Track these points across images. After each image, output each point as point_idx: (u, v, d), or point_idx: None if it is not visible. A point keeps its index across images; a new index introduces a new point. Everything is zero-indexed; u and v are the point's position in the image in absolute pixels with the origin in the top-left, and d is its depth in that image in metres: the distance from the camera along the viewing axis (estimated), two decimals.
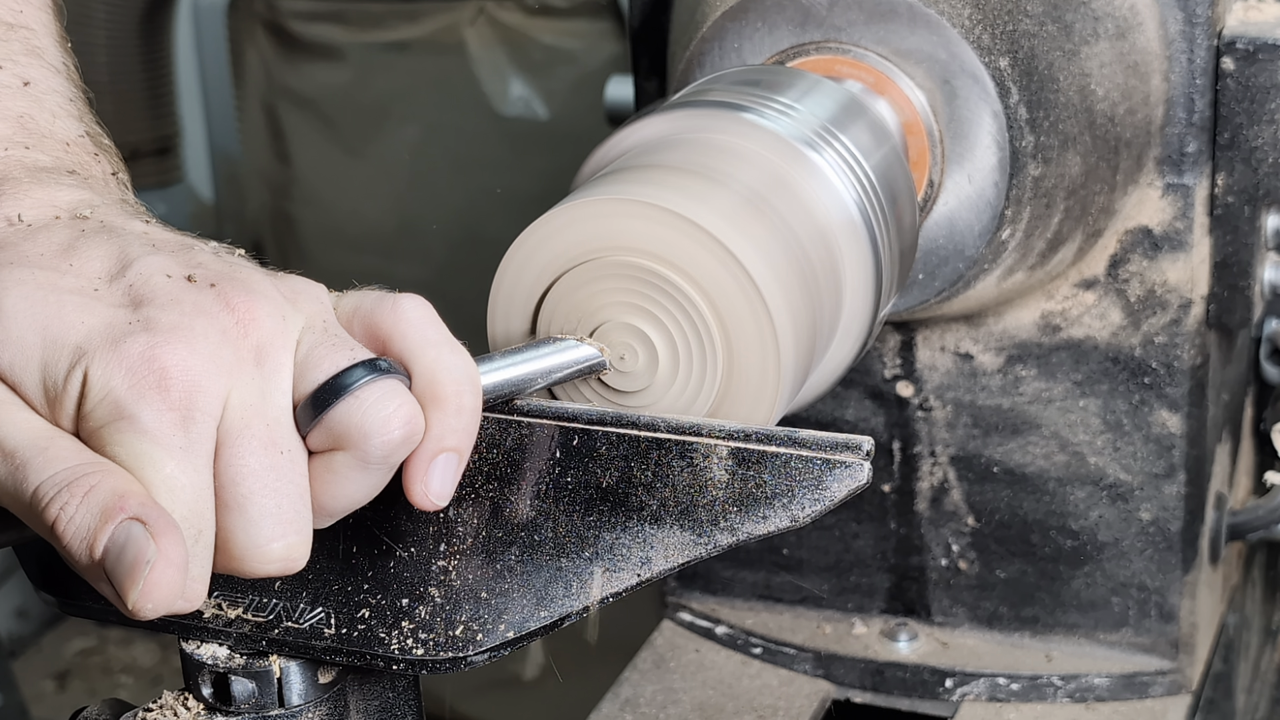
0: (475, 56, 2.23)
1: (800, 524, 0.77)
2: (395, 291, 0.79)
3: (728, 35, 1.09)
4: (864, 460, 0.77)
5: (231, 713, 0.82)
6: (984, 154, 1.07)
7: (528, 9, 2.20)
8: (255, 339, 0.75)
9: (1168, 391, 1.18)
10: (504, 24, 2.23)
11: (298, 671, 0.81)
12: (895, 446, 1.25)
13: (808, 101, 0.98)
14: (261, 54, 2.38)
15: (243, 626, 0.81)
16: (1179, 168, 1.15)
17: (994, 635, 1.27)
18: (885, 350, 1.23)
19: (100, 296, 0.75)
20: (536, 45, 2.21)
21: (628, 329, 0.85)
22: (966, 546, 1.26)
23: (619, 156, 0.94)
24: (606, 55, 2.16)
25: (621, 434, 0.79)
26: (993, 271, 1.10)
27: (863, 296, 0.95)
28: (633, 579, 0.79)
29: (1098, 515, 1.22)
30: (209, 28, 2.69)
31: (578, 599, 0.79)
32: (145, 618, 0.70)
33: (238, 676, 0.81)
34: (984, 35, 1.05)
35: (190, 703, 0.82)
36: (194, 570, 0.72)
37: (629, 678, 1.26)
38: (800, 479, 0.77)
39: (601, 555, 0.79)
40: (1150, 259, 1.16)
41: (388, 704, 0.85)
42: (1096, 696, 1.24)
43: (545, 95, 2.21)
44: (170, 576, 0.69)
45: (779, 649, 1.29)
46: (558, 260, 0.85)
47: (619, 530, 0.79)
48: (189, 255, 0.78)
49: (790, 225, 0.89)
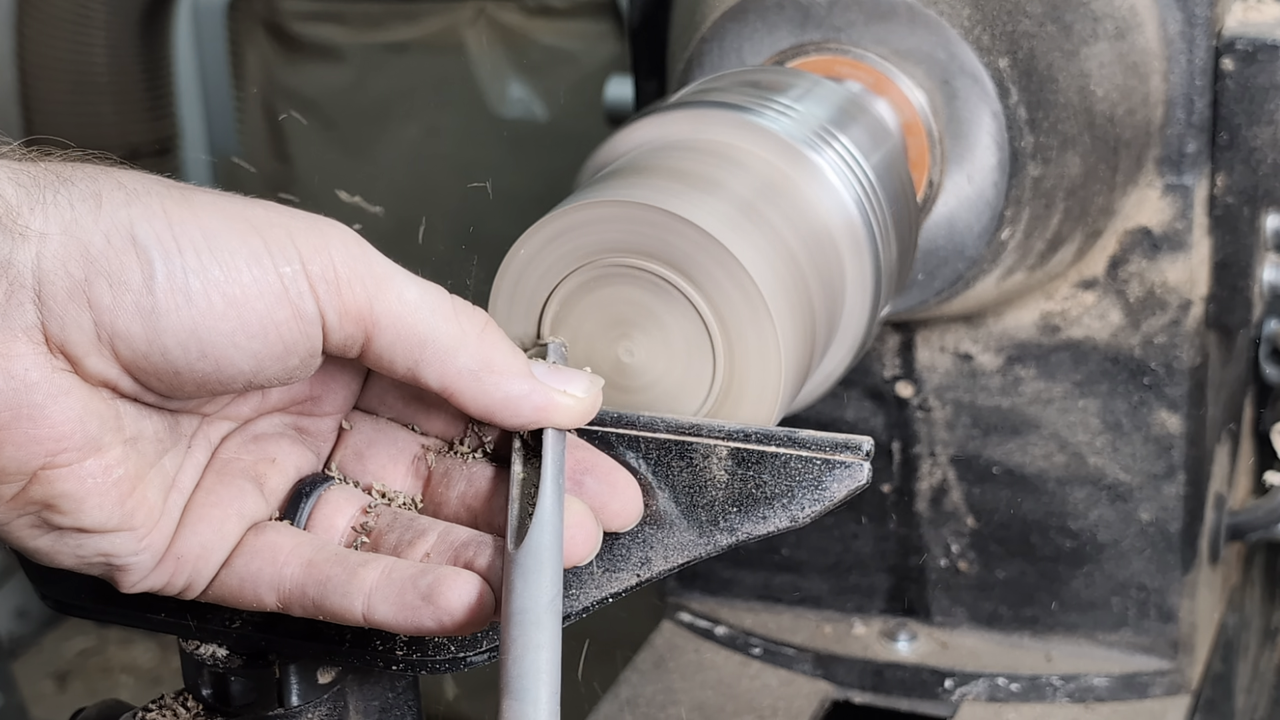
0: (475, 57, 2.23)
1: (800, 524, 0.77)
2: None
3: (728, 35, 1.09)
4: (864, 460, 0.77)
5: (231, 713, 0.82)
6: (984, 154, 1.07)
7: (527, 9, 2.20)
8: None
9: (1167, 392, 1.18)
10: (504, 24, 2.23)
11: (297, 672, 0.81)
12: (895, 447, 1.25)
13: (807, 102, 0.98)
14: (261, 54, 2.38)
15: (243, 627, 0.81)
16: (1179, 168, 1.15)
17: (994, 635, 1.27)
18: (885, 350, 1.23)
19: None
20: (536, 46, 2.21)
21: (629, 329, 0.85)
22: (966, 547, 1.26)
23: (619, 157, 0.94)
24: (606, 56, 2.16)
25: (620, 434, 0.79)
26: (992, 272, 1.10)
27: (862, 297, 0.95)
28: (632, 579, 0.79)
29: (1097, 515, 1.22)
30: (209, 28, 2.69)
31: (577, 599, 0.79)
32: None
33: (237, 676, 0.81)
34: (983, 35, 1.05)
35: (190, 703, 0.82)
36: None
37: (629, 678, 1.26)
38: (800, 479, 0.77)
39: (600, 555, 0.79)
40: (1150, 259, 1.16)
41: (387, 704, 0.85)
42: (1096, 697, 1.24)
43: (545, 96, 2.22)
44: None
45: (779, 649, 1.29)
46: (560, 262, 0.85)
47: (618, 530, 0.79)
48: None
49: (790, 226, 0.89)
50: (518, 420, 0.77)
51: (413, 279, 0.75)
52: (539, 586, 0.73)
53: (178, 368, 0.72)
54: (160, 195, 0.72)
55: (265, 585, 0.76)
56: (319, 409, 0.82)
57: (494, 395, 0.76)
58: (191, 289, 0.71)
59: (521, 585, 0.73)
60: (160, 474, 0.75)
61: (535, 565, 0.73)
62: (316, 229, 0.74)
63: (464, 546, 0.77)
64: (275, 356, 0.73)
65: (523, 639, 0.71)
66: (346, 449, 0.82)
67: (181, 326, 0.71)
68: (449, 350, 0.75)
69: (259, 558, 0.77)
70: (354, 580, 0.75)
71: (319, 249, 0.73)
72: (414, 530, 0.78)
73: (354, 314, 0.73)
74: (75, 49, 2.36)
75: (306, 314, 0.73)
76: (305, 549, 0.77)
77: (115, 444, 0.73)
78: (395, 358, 0.75)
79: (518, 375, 0.76)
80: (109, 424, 0.72)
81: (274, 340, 0.72)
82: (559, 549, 0.74)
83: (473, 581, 0.74)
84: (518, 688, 0.71)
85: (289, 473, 0.80)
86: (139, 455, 0.74)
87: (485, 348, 0.76)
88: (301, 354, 0.74)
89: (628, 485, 0.79)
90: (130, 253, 0.70)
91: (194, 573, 0.77)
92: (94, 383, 0.72)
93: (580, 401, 0.78)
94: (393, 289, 0.74)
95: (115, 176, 0.72)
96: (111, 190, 0.71)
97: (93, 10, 2.37)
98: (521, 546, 0.73)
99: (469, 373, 0.75)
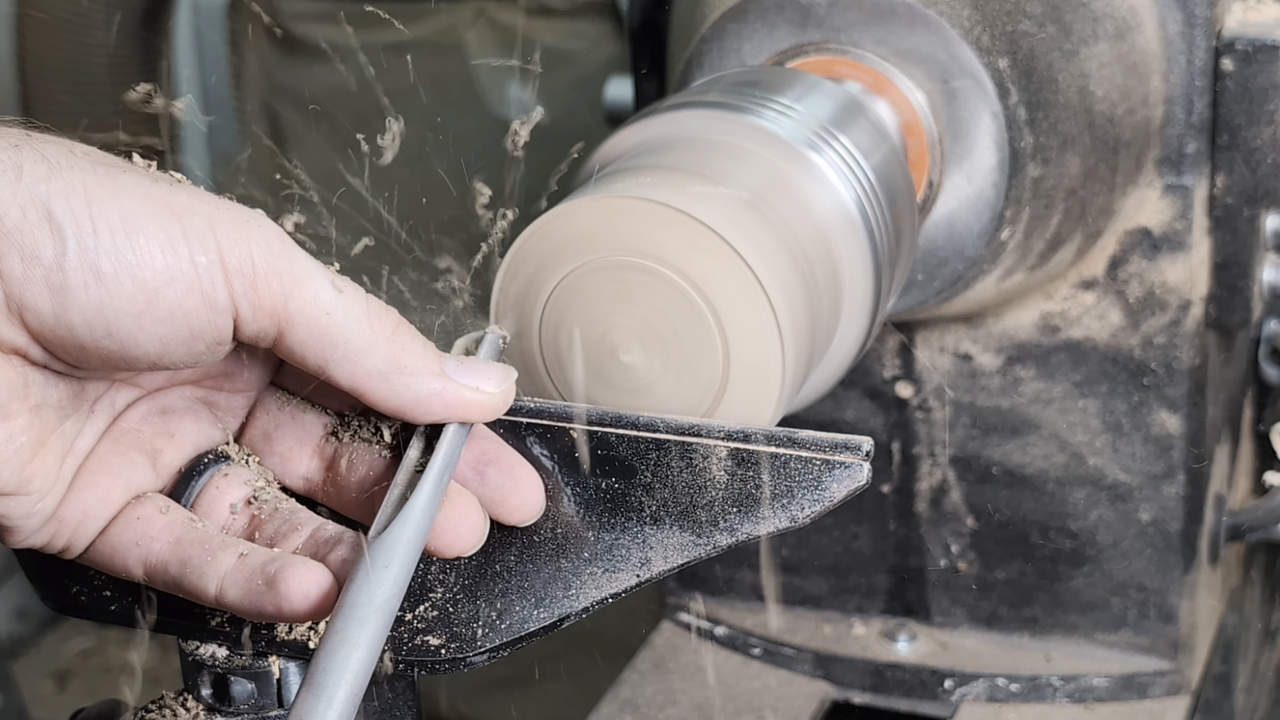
0: (475, 57, 2.23)
1: (799, 524, 0.77)
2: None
3: (727, 36, 1.09)
4: (863, 461, 0.77)
5: (231, 713, 0.82)
6: (983, 155, 1.07)
7: (527, 9, 2.20)
8: None
9: (1167, 392, 1.18)
10: (504, 25, 2.23)
11: (297, 672, 0.81)
12: (895, 447, 1.25)
13: (807, 102, 0.98)
14: (261, 54, 2.38)
15: (242, 627, 0.81)
16: (1178, 168, 1.15)
17: (993, 636, 1.27)
18: (885, 351, 1.23)
19: None
20: (536, 46, 2.21)
21: (629, 328, 0.85)
22: (966, 547, 1.26)
23: (619, 157, 0.94)
24: (606, 56, 2.16)
25: (620, 434, 0.79)
26: (992, 272, 1.10)
27: (862, 297, 0.95)
28: (632, 579, 0.79)
29: (1097, 516, 1.22)
30: (209, 28, 2.69)
31: (577, 599, 0.79)
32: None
33: (237, 677, 0.81)
34: (983, 36, 1.05)
35: (190, 703, 0.82)
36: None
37: (629, 678, 1.26)
38: (799, 479, 0.77)
39: (600, 556, 0.79)
40: (1150, 260, 1.16)
41: (387, 704, 0.85)
42: (1096, 697, 1.24)
43: (544, 96, 2.21)
44: None
45: (778, 649, 1.29)
46: (560, 260, 0.85)
47: (618, 531, 0.79)
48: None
49: (790, 226, 0.89)
50: (430, 417, 0.78)
51: (331, 279, 0.76)
52: (380, 583, 0.72)
53: (83, 343, 0.72)
54: (84, 172, 0.72)
55: (134, 557, 0.78)
56: (231, 385, 0.83)
57: (404, 396, 0.77)
58: (102, 269, 0.71)
59: (363, 577, 0.73)
60: (60, 439, 0.76)
61: (384, 559, 0.73)
62: (240, 221, 0.74)
63: (327, 542, 0.78)
64: (181, 341, 0.74)
65: (342, 632, 0.71)
66: (255, 429, 0.83)
67: (89, 304, 0.71)
68: (359, 352, 0.76)
69: (131, 529, 0.78)
70: (211, 563, 0.76)
71: (239, 241, 0.73)
72: (291, 523, 0.80)
73: (268, 309, 0.74)
74: (75, 49, 2.36)
75: (218, 304, 0.73)
76: (176, 527, 0.78)
77: (21, 412, 0.74)
78: (306, 355, 0.76)
79: (427, 375, 0.77)
80: (16, 392, 0.73)
81: (181, 326, 0.73)
82: (416, 550, 0.75)
83: (318, 572, 0.74)
84: (319, 681, 0.70)
85: (185, 449, 0.82)
86: (42, 422, 0.75)
87: (396, 349, 0.76)
88: (209, 341, 0.74)
89: (530, 481, 0.80)
90: (44, 228, 0.71)
91: (73, 536, 0.78)
92: (4, 350, 0.72)
93: (491, 396, 0.78)
94: (309, 288, 0.75)
95: (39, 148, 0.73)
96: (34, 163, 0.72)
97: (93, 10, 2.37)
98: (379, 538, 0.74)
99: (379, 374, 0.76)
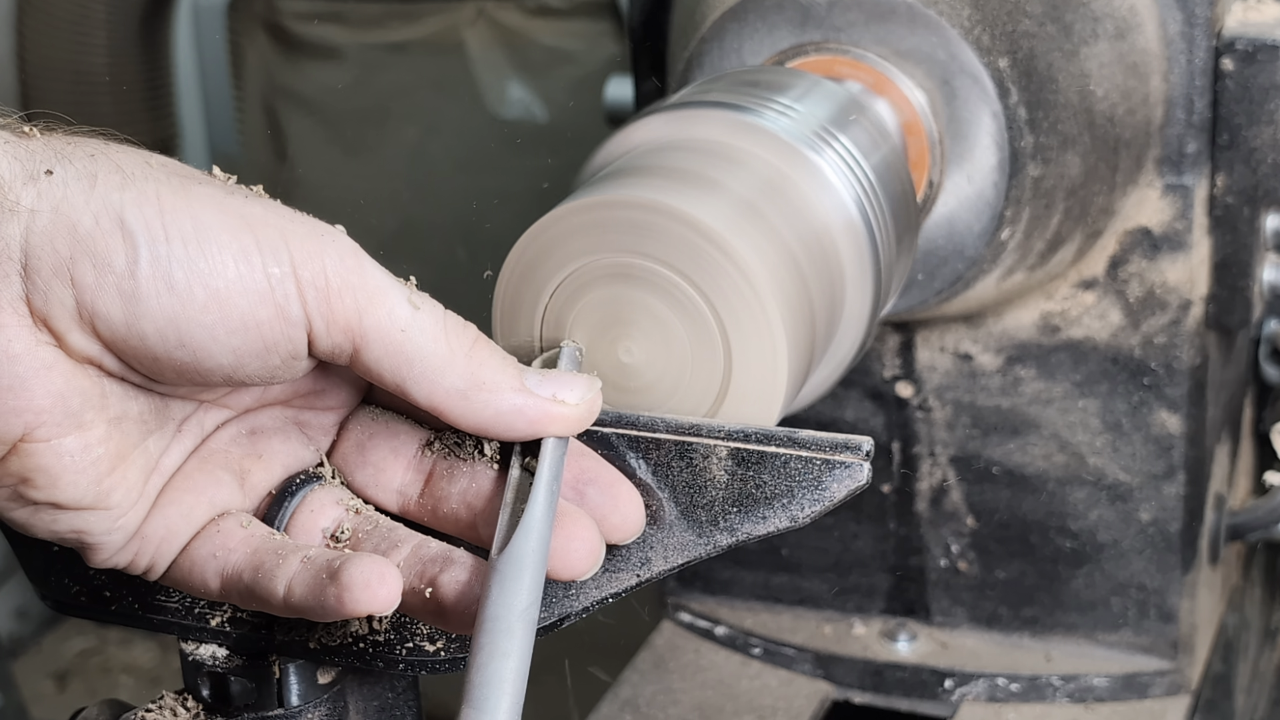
0: (475, 57, 2.23)
1: (800, 524, 0.77)
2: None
3: (727, 35, 1.09)
4: (863, 460, 0.77)
5: (231, 713, 0.82)
6: (984, 154, 1.07)
7: (527, 9, 2.20)
8: None
9: (1167, 392, 1.18)
10: (503, 25, 2.23)
11: (297, 672, 0.81)
12: (895, 447, 1.25)
13: (807, 102, 0.98)
14: (261, 54, 2.38)
15: (242, 627, 0.81)
16: (1178, 168, 1.15)
17: (993, 636, 1.27)
18: (885, 350, 1.23)
19: None
20: (536, 46, 2.21)
21: (628, 328, 0.85)
22: (966, 547, 1.26)
23: (620, 157, 0.94)
24: (606, 56, 2.16)
25: (620, 434, 0.79)
26: (992, 272, 1.10)
27: (862, 297, 0.95)
28: (632, 579, 0.79)
29: (1097, 516, 1.22)
30: (209, 28, 2.69)
31: (577, 599, 0.79)
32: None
33: (237, 677, 0.81)
34: (983, 35, 1.05)
35: (189, 703, 0.82)
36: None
37: (629, 678, 1.26)
38: (800, 479, 0.77)
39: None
40: (1150, 259, 1.16)
41: (387, 704, 0.85)
42: (1096, 697, 1.24)
43: (544, 96, 2.22)
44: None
45: (779, 649, 1.29)
46: (560, 261, 0.85)
47: None
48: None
49: (789, 226, 0.89)
50: (513, 434, 0.77)
51: (407, 295, 0.75)
52: (515, 594, 0.72)
53: (155, 354, 0.72)
54: (158, 182, 0.72)
55: (211, 570, 0.77)
56: (321, 403, 0.81)
57: (484, 413, 0.76)
58: (174, 278, 0.71)
59: (498, 591, 0.72)
60: (144, 455, 0.75)
61: (514, 573, 0.73)
62: (315, 235, 0.73)
63: (433, 560, 0.77)
64: (255, 354, 0.73)
65: (490, 646, 0.71)
66: (348, 441, 0.82)
67: (161, 313, 0.71)
68: (437, 370, 0.74)
69: (210, 542, 0.77)
70: (282, 565, 0.75)
71: (313, 254, 0.73)
72: (390, 540, 0.78)
73: (342, 324, 0.73)
74: (75, 49, 2.36)
75: (291, 317, 0.72)
76: (255, 540, 0.77)
77: (98, 422, 0.73)
78: (383, 372, 0.75)
79: (508, 390, 0.76)
80: (92, 401, 0.72)
81: (255, 338, 0.72)
82: (542, 559, 0.74)
83: (380, 564, 0.73)
84: (478, 696, 0.70)
85: (275, 470, 0.80)
86: (122, 435, 0.74)
87: (474, 365, 0.75)
88: (283, 354, 0.73)
89: (630, 499, 0.78)
90: (117, 235, 0.70)
91: (156, 554, 0.77)
92: (79, 359, 0.72)
93: (575, 408, 0.77)
94: (384, 304, 0.74)
95: (114, 158, 0.72)
96: (108, 172, 0.71)
97: (93, 10, 2.37)
98: (504, 553, 0.73)
99: (457, 392, 0.75)
